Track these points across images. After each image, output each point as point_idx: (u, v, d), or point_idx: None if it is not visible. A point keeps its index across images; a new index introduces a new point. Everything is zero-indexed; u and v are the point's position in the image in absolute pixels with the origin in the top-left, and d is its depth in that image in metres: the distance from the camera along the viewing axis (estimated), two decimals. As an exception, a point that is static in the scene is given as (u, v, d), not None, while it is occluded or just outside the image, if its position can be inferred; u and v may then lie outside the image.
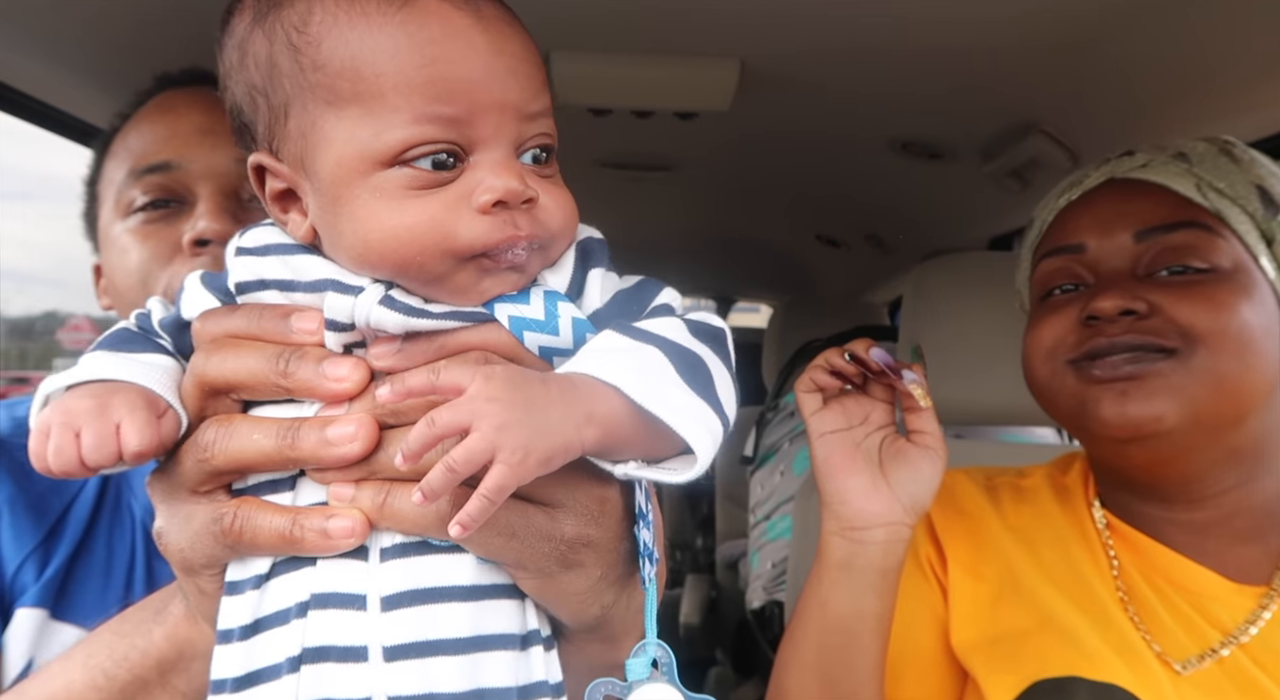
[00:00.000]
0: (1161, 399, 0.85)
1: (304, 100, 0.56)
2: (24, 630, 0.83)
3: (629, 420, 0.53)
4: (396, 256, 0.55)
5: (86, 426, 0.54)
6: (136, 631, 0.65)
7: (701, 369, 0.57)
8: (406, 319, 0.55)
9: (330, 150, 0.56)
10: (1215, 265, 0.88)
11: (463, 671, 0.54)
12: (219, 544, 0.57)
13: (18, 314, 4.77)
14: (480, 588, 0.56)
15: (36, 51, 1.27)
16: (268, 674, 0.55)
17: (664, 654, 0.58)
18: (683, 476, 0.55)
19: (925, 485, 0.90)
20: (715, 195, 2.65)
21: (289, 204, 0.61)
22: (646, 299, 0.61)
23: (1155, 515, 0.95)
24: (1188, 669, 0.87)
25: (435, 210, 0.55)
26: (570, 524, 0.57)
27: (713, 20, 1.25)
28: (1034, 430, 1.95)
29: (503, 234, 0.55)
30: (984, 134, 1.66)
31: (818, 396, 0.93)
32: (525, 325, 0.57)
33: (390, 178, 0.55)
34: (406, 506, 0.54)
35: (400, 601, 0.55)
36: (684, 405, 0.54)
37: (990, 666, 0.93)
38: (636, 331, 0.57)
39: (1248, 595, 0.89)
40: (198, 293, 0.62)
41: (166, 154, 0.93)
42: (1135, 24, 1.13)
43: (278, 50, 0.56)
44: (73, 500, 0.91)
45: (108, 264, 0.97)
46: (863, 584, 0.90)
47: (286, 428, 0.56)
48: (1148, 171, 0.94)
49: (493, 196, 0.54)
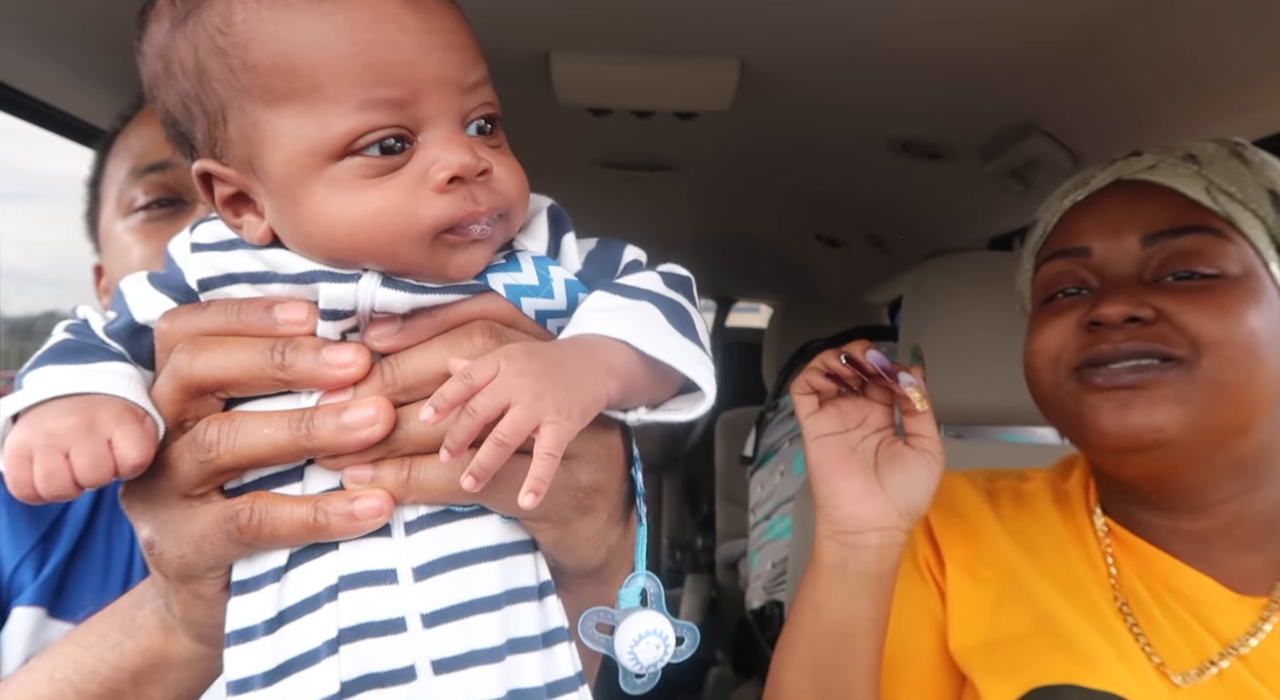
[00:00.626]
0: (1163, 409, 0.84)
1: (240, 103, 0.55)
2: (21, 629, 0.83)
3: (640, 368, 0.56)
4: (368, 246, 0.55)
5: (76, 446, 0.53)
6: (104, 645, 0.63)
7: (685, 315, 0.60)
8: (413, 296, 0.55)
9: (278, 150, 0.55)
10: (1224, 271, 0.86)
11: (498, 626, 0.55)
12: (233, 543, 0.56)
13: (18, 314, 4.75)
14: (506, 545, 0.58)
15: (37, 52, 1.27)
16: (303, 661, 0.54)
17: (653, 585, 0.61)
18: (690, 414, 0.58)
19: (921, 490, 0.89)
20: (715, 195, 2.65)
21: (241, 207, 0.59)
22: (617, 257, 0.63)
23: (1157, 523, 0.94)
24: (1186, 681, 0.86)
25: (395, 195, 0.54)
26: (585, 472, 0.59)
27: (713, 20, 1.25)
28: (1034, 430, 1.95)
29: (464, 209, 0.55)
30: (984, 134, 1.66)
31: (813, 399, 0.92)
32: (522, 291, 0.58)
33: (344, 169, 0.54)
34: (433, 477, 0.55)
35: (434, 569, 0.55)
36: (682, 350, 0.57)
37: (988, 671, 0.92)
38: (626, 289, 0.59)
39: (1249, 606, 0.88)
40: (148, 294, 0.60)
41: (167, 153, 0.93)
42: (1135, 24, 1.13)
43: (204, 55, 0.55)
44: (71, 500, 0.91)
45: (109, 263, 0.97)
46: (857, 588, 0.89)
47: (299, 418, 0.55)
48: (1156, 173, 0.92)
49: (448, 173, 0.54)
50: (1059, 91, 1.38)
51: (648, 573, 0.61)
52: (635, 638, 0.59)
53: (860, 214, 2.61)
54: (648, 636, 0.59)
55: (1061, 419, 0.95)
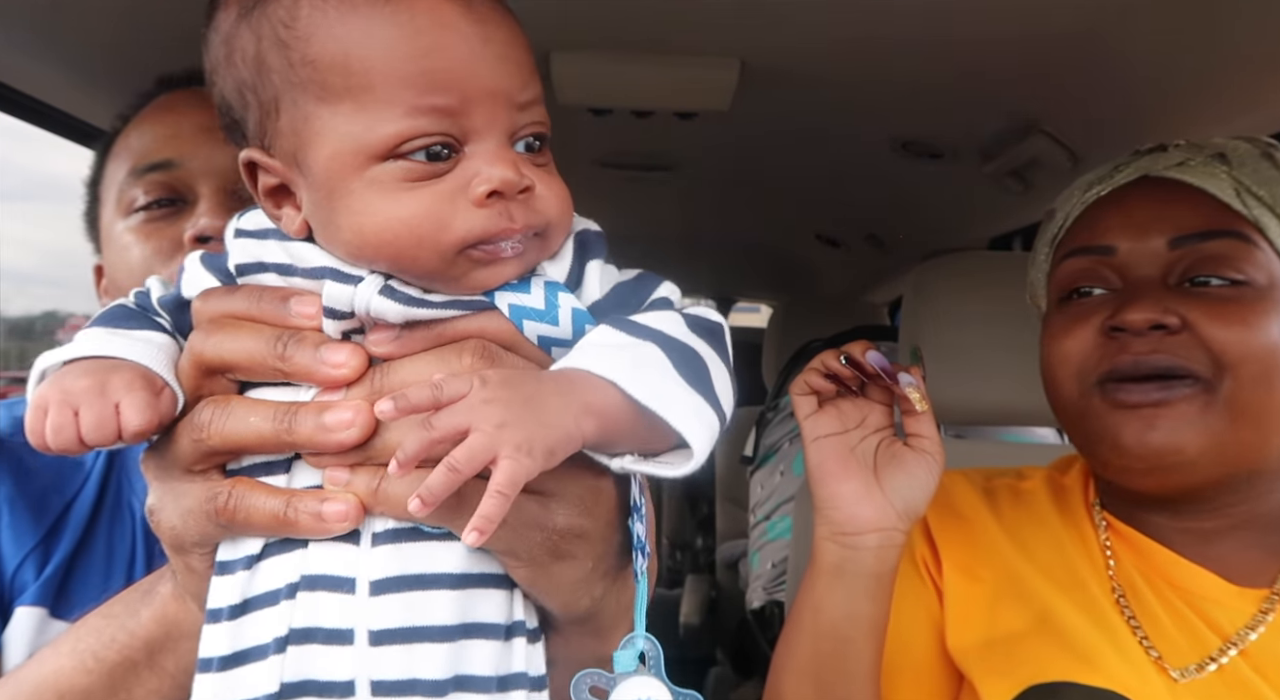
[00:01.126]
0: (1187, 430, 0.83)
1: (294, 96, 0.56)
2: (24, 628, 0.83)
3: (625, 412, 0.54)
4: (392, 249, 0.55)
5: (85, 405, 0.55)
6: (125, 613, 0.65)
7: (698, 364, 0.57)
8: (406, 308, 0.56)
9: (324, 145, 0.56)
10: (1250, 278, 0.85)
11: (446, 659, 0.55)
12: (211, 523, 0.57)
13: (18, 314, 4.76)
14: (469, 576, 0.57)
15: (37, 52, 1.27)
16: (254, 654, 0.55)
17: (652, 647, 0.58)
18: (678, 471, 0.55)
19: (920, 491, 0.89)
20: (715, 195, 2.65)
21: (282, 200, 0.60)
22: (645, 292, 0.62)
23: (1157, 520, 0.94)
24: (1185, 676, 0.86)
25: (431, 202, 0.55)
26: (563, 514, 0.57)
27: (713, 20, 1.25)
28: (1034, 430, 1.95)
29: (497, 226, 0.55)
30: (984, 134, 1.66)
31: (813, 399, 0.92)
32: (525, 314, 0.57)
33: (385, 171, 0.55)
34: (400, 492, 0.55)
35: (389, 586, 0.55)
36: (680, 400, 0.54)
37: (985, 669, 0.92)
38: (633, 326, 0.57)
39: (1249, 598, 0.88)
40: (198, 273, 0.62)
41: (167, 152, 0.93)
42: (1135, 23, 1.13)
43: (266, 47, 0.56)
44: (73, 499, 0.91)
45: (109, 263, 0.97)
46: (856, 589, 0.89)
47: (284, 411, 0.56)
48: (1185, 171, 0.89)
49: (489, 187, 0.54)
50: (1059, 92, 1.38)
51: (646, 635, 0.59)
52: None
53: (860, 214, 2.61)
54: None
55: (1079, 430, 0.93)
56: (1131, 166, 0.94)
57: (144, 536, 0.93)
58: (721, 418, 0.56)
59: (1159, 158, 0.93)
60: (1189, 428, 0.83)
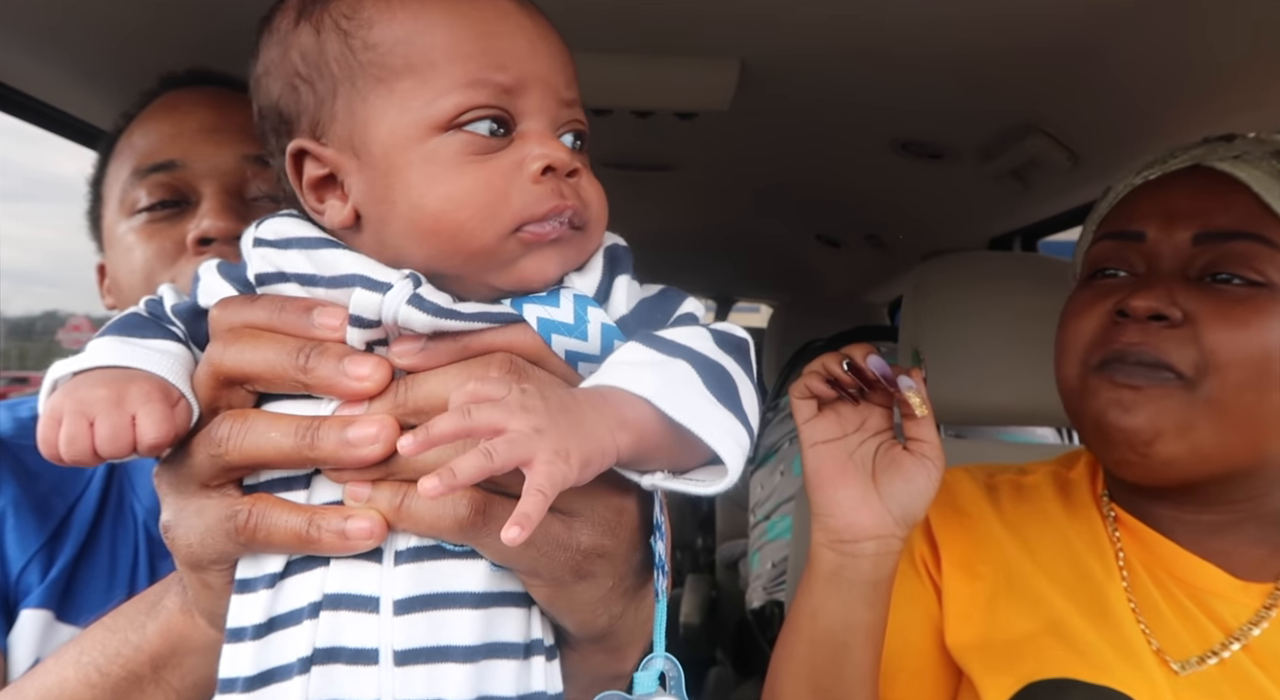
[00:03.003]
0: (1162, 419, 0.84)
1: (354, 79, 0.57)
2: (29, 632, 0.83)
3: (659, 429, 0.53)
4: (452, 223, 0.55)
5: (101, 416, 0.54)
6: (130, 627, 0.64)
7: (727, 380, 0.56)
8: (434, 319, 0.54)
9: (383, 121, 0.57)
10: (1270, 280, 0.84)
11: (469, 678, 0.54)
12: (231, 541, 0.56)
13: (18, 314, 4.75)
14: (491, 595, 0.56)
15: (39, 52, 1.27)
16: (280, 674, 0.54)
17: (672, 668, 0.58)
18: (710, 488, 0.55)
19: (918, 497, 0.88)
20: (715, 195, 2.65)
21: (325, 192, 0.60)
22: (670, 308, 0.61)
23: (1162, 513, 0.94)
24: (1186, 670, 0.86)
25: (490, 176, 0.56)
26: (587, 534, 0.57)
27: (713, 20, 1.25)
28: (1034, 430, 1.95)
29: (552, 202, 0.56)
30: (984, 134, 1.66)
31: (812, 403, 0.91)
32: (554, 328, 0.56)
33: (446, 143, 0.56)
34: (423, 509, 0.54)
35: (412, 606, 0.54)
36: (711, 417, 0.54)
37: (985, 666, 0.92)
38: (663, 343, 0.56)
39: (1253, 593, 0.88)
40: (215, 282, 0.62)
41: (171, 153, 0.93)
42: (1135, 24, 1.13)
43: (326, 38, 0.58)
44: (76, 502, 0.91)
45: (112, 263, 0.97)
46: (853, 595, 0.88)
47: (305, 426, 0.55)
48: (1237, 166, 0.89)
49: (544, 162, 0.56)
50: (1059, 91, 1.38)
51: (666, 655, 0.58)
52: None
53: (860, 214, 2.61)
54: None
55: (1072, 408, 0.95)
56: (1187, 154, 0.94)
57: (146, 539, 0.93)
58: (750, 434, 0.56)
59: (1218, 148, 0.92)
60: (1165, 417, 0.84)
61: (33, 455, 0.93)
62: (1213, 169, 0.90)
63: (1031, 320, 1.01)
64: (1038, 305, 1.01)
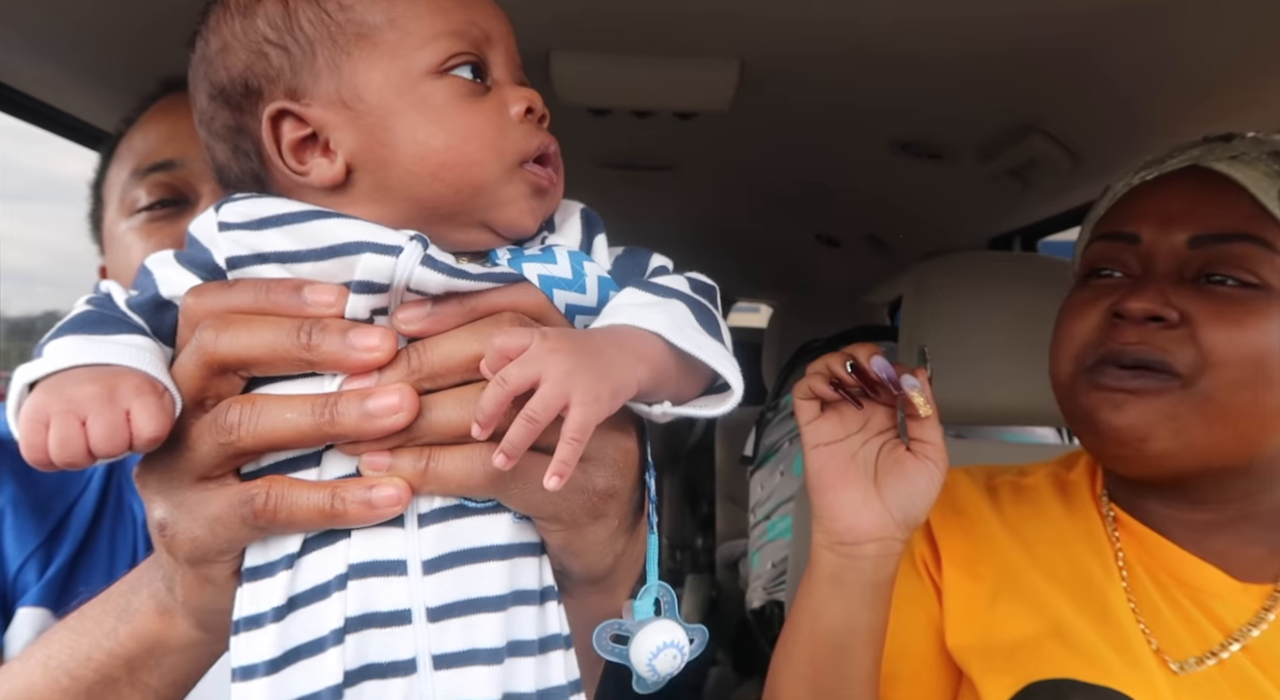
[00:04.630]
0: (1154, 418, 0.85)
1: (334, 37, 0.59)
2: (26, 630, 0.83)
3: (670, 361, 0.57)
4: (462, 155, 0.58)
5: (95, 414, 0.52)
6: (98, 630, 0.62)
7: (712, 317, 0.61)
8: (449, 279, 0.55)
9: (374, 71, 0.58)
10: (1265, 281, 0.85)
11: (500, 627, 0.55)
12: (247, 526, 0.55)
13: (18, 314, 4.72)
14: (515, 546, 0.58)
15: (37, 52, 1.27)
16: (309, 649, 0.54)
17: (666, 593, 0.61)
18: (718, 410, 0.60)
19: (920, 500, 0.88)
20: (715, 195, 2.65)
21: (306, 153, 0.59)
22: (644, 262, 0.65)
23: (1161, 512, 0.94)
24: (1185, 670, 0.86)
25: (485, 114, 0.59)
26: (601, 476, 0.58)
27: (713, 20, 1.25)
28: (1034, 430, 1.95)
29: (540, 138, 0.61)
30: (984, 134, 1.66)
31: (815, 404, 0.90)
32: (555, 283, 0.58)
33: (439, 87, 0.59)
34: (451, 468, 0.55)
35: (442, 564, 0.55)
36: (710, 347, 0.58)
37: (985, 667, 0.92)
38: (657, 287, 0.61)
39: (1253, 594, 0.89)
40: (175, 271, 0.59)
41: (169, 153, 0.93)
42: (1135, 24, 1.13)
43: (295, 4, 0.59)
44: (75, 500, 0.91)
45: (113, 264, 0.97)
46: (853, 597, 0.88)
47: (322, 403, 0.54)
48: (1234, 166, 0.89)
49: (525, 103, 0.60)
50: (1059, 91, 1.39)
51: (661, 583, 0.61)
52: (653, 650, 0.58)
53: (860, 214, 2.61)
54: (666, 648, 0.59)
55: (1066, 408, 0.96)
56: (1185, 155, 0.93)
57: (145, 539, 0.93)
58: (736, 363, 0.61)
59: (1215, 148, 0.92)
60: (1157, 416, 0.85)
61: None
62: (1210, 169, 0.90)
63: (1032, 320, 1.01)
64: (1038, 305, 1.01)
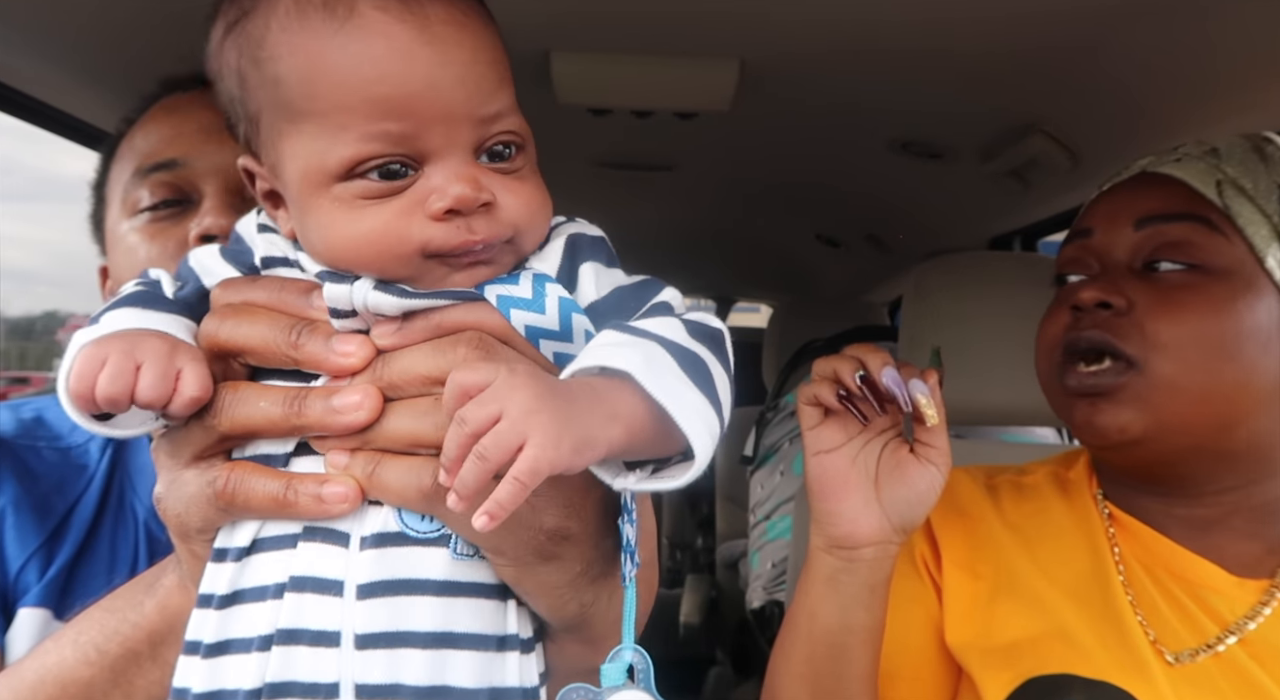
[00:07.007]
0: (1126, 411, 0.88)
1: (270, 112, 0.59)
2: (27, 630, 0.84)
3: (647, 418, 0.52)
4: (360, 260, 0.58)
5: (151, 361, 0.55)
6: (128, 606, 0.66)
7: (701, 367, 0.56)
8: (401, 300, 0.57)
9: (294, 162, 0.58)
10: (1205, 263, 0.88)
11: (428, 666, 0.55)
12: (212, 506, 0.58)
13: (18, 314, 4.72)
14: (452, 584, 0.57)
15: (37, 52, 1.27)
16: (237, 646, 0.56)
17: (640, 659, 0.57)
18: (677, 483, 0.54)
19: (920, 505, 0.88)
20: (715, 195, 2.65)
21: (278, 202, 0.63)
22: (646, 296, 0.61)
23: (1156, 508, 0.95)
24: (1181, 661, 0.87)
25: (389, 217, 0.56)
26: (550, 515, 0.58)
27: (713, 20, 1.25)
28: (1035, 430, 1.95)
29: (457, 238, 0.56)
30: (984, 134, 1.66)
31: (819, 411, 0.90)
32: (512, 303, 0.58)
33: (347, 189, 0.57)
34: (392, 478, 0.56)
35: (375, 591, 0.56)
36: (685, 398, 0.53)
37: (985, 664, 0.92)
38: (634, 330, 0.56)
39: (1249, 589, 0.89)
40: (219, 266, 0.65)
41: (171, 152, 0.93)
42: (1136, 24, 1.13)
43: (244, 63, 0.59)
44: (76, 501, 0.92)
45: (114, 264, 0.97)
46: (850, 598, 0.89)
47: (293, 396, 0.57)
48: (1175, 167, 0.94)
49: (444, 204, 0.56)
50: (1059, 91, 1.39)
51: (635, 647, 0.58)
52: None
53: (860, 214, 2.61)
54: None
55: (1053, 407, 0.99)
56: (1138, 164, 0.99)
57: (146, 539, 0.94)
58: (721, 422, 0.55)
59: (1164, 155, 0.97)
60: (1127, 408, 0.88)
61: (34, 455, 0.94)
62: (1155, 172, 0.95)
63: (1032, 320, 1.01)
64: (1038, 305, 1.01)
